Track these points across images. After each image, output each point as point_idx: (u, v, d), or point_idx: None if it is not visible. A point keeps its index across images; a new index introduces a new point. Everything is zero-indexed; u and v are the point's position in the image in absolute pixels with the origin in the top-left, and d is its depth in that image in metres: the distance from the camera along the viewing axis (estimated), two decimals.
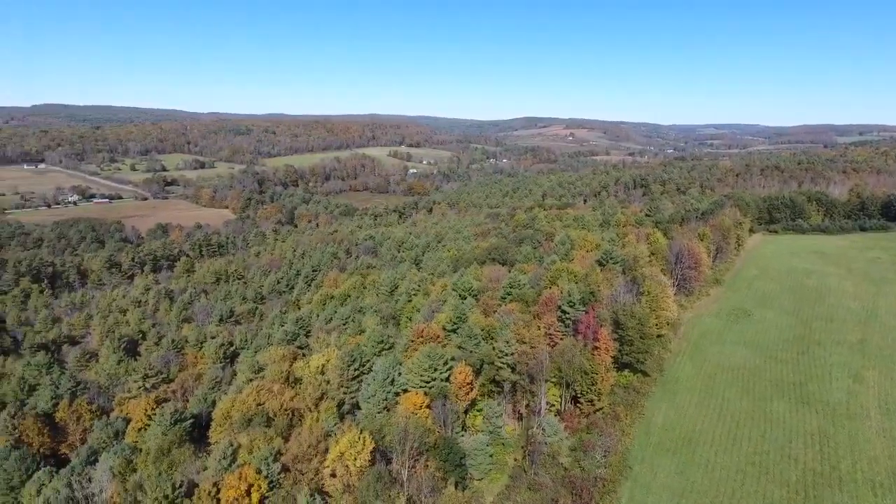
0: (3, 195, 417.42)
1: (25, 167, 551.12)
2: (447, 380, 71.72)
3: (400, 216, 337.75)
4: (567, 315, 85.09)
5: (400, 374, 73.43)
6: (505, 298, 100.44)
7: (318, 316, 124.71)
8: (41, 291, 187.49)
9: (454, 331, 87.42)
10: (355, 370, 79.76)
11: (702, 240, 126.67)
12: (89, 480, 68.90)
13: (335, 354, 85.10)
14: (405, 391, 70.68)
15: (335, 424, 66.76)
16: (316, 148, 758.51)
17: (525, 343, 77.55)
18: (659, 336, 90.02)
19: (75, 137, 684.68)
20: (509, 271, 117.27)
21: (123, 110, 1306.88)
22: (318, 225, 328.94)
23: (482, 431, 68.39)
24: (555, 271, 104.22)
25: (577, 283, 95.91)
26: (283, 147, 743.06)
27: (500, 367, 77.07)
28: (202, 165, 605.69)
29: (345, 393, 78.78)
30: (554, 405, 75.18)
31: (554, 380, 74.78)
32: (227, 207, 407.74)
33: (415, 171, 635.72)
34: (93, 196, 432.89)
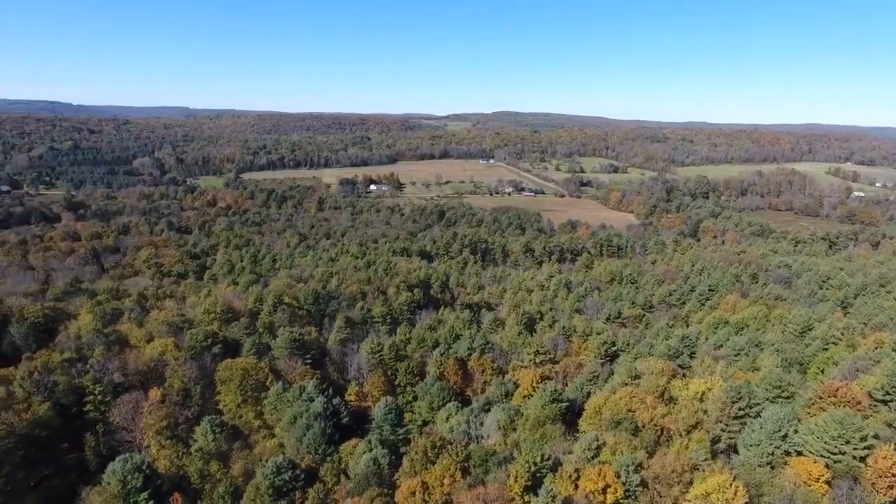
0: (463, 183, 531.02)
1: (481, 161, 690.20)
2: (862, 460, 57.32)
3: (830, 246, 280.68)
4: None
5: (796, 431, 62.42)
6: None
7: (706, 339, 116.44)
8: (475, 262, 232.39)
9: (885, 402, 68.72)
10: (740, 409, 71.64)
11: None
12: (481, 424, 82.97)
13: (719, 385, 78.26)
14: (799, 453, 59.88)
15: (705, 459, 61.91)
16: (735, 159, 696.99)
17: None
18: None
19: (518, 139, 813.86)
20: None
21: (557, 117, 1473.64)
22: (723, 242, 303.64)
23: None
24: None
25: None
26: (698, 156, 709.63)
27: None
28: (615, 170, 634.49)
29: (722, 430, 71.87)
30: None
31: None
32: (631, 212, 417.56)
33: (861, 194, 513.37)
34: (522, 189, 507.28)
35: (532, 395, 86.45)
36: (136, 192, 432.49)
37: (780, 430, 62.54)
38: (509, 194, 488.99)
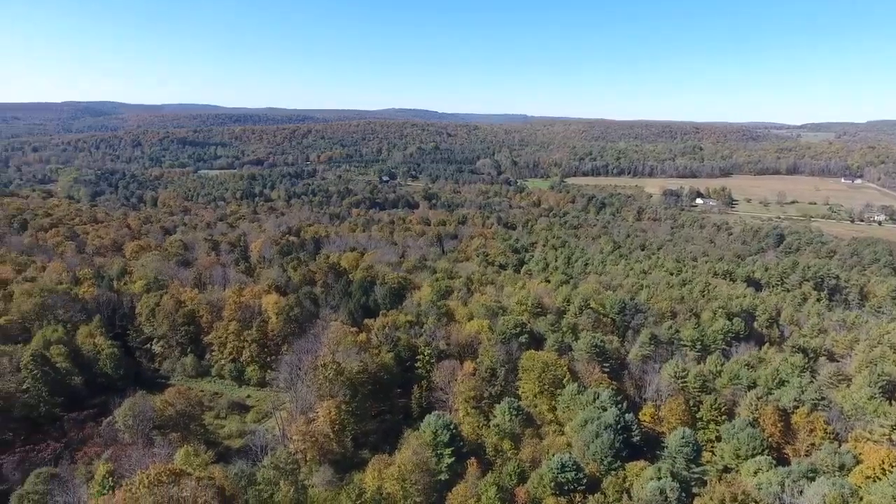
0: (814, 204, 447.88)
1: (843, 181, 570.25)
2: None
3: None
4: None
5: None
6: None
7: None
8: (818, 300, 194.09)
9: None
10: None
11: None
12: (800, 493, 69.75)
13: None
14: None
15: None
16: None
17: None
18: None
19: None
20: None
21: None
22: None
23: None
24: None
25: None
26: None
27: None
28: None
29: None
30: None
31: None
32: None
33: None
34: None
35: (880, 479, 69.07)
36: (476, 188, 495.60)
37: None
38: (880, 223, 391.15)
